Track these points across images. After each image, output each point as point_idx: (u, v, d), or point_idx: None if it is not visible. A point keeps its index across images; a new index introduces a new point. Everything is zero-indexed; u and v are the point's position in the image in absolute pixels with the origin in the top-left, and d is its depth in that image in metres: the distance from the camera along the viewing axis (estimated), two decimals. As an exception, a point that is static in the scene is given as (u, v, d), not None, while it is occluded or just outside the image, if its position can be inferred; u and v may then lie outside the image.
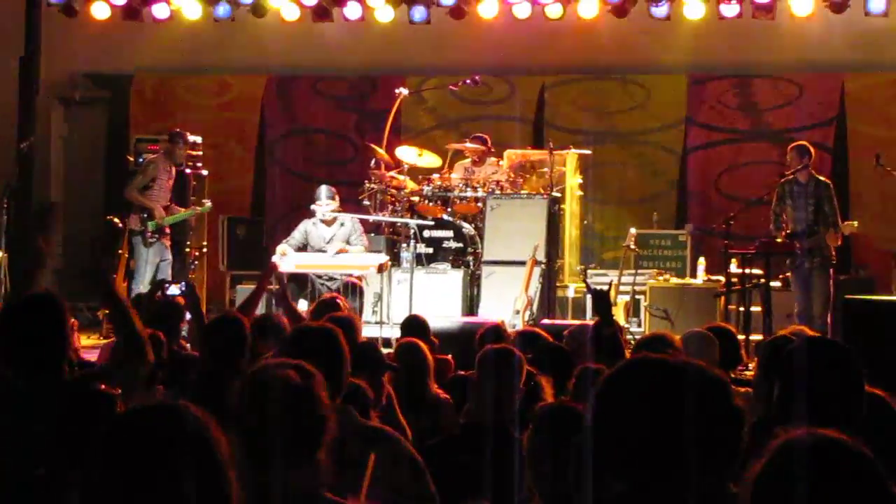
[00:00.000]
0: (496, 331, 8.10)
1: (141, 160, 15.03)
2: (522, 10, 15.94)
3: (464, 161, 14.75)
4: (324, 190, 13.85)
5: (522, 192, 14.14)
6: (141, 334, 4.86)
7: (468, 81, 15.10)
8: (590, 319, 11.77)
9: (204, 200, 14.91)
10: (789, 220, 12.87)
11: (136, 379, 4.79)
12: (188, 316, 8.09)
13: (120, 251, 13.72)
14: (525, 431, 4.20)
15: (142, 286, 13.36)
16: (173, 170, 14.34)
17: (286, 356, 4.63)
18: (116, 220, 14.12)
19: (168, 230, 14.14)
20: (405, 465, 4.56)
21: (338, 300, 8.46)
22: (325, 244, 13.65)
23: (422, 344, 7.51)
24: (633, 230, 14.03)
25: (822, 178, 13.07)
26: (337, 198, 13.81)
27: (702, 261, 14.53)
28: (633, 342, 9.91)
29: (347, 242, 13.66)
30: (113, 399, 4.52)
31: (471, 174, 14.39)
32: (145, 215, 13.96)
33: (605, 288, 6.87)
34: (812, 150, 13.12)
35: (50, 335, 4.68)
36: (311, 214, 13.86)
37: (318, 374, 3.68)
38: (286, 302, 7.97)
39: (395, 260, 13.83)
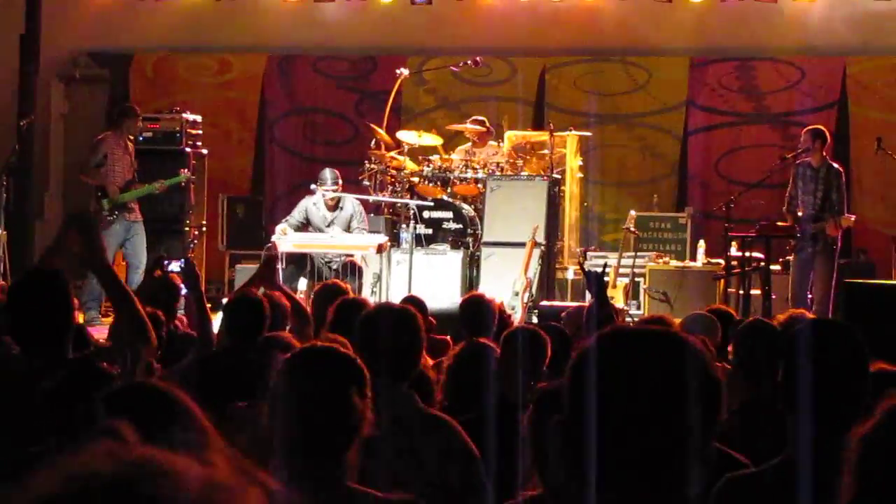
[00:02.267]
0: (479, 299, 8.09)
1: (141, 139, 14.97)
2: (524, -9, 15.93)
3: (464, 145, 14.74)
4: (328, 174, 13.74)
5: (523, 173, 14.13)
6: (142, 315, 4.84)
7: (469, 62, 15.07)
8: (588, 301, 11.77)
9: (181, 170, 14.55)
10: (799, 203, 12.80)
11: (139, 359, 4.76)
12: (184, 292, 8.05)
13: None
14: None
15: None
16: (130, 145, 13.99)
17: (358, 338, 4.60)
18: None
19: (133, 206, 13.77)
20: (458, 457, 4.48)
21: (340, 284, 8.44)
22: (325, 227, 13.63)
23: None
24: (633, 212, 14.03)
25: (835, 164, 12.96)
26: (340, 181, 13.77)
27: (702, 244, 14.52)
28: (632, 324, 9.90)
29: (348, 227, 13.64)
30: (110, 378, 4.51)
31: (471, 156, 14.38)
32: (100, 194, 13.67)
33: (600, 270, 6.86)
34: (827, 135, 13.03)
35: (53, 312, 4.67)
36: (312, 193, 13.83)
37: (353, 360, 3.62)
38: (274, 286, 7.88)
39: (395, 240, 13.81)
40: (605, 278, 7.02)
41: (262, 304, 6.45)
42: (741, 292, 12.58)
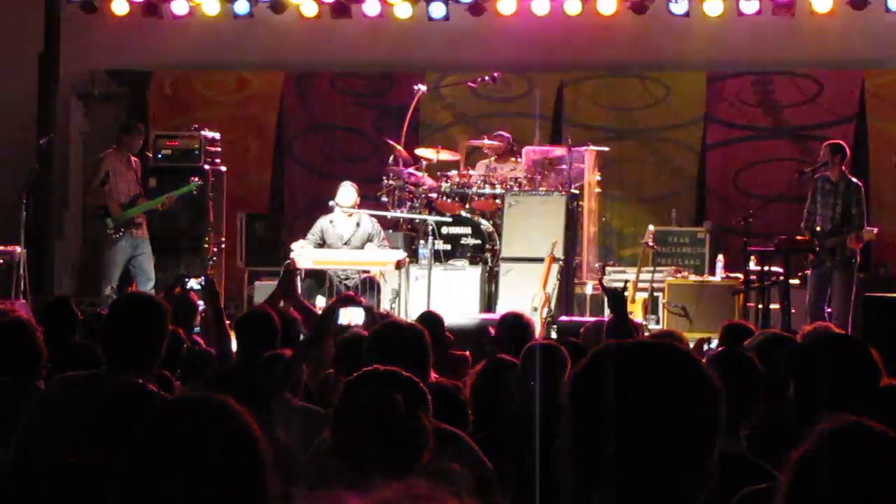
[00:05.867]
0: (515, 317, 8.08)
1: (160, 156, 15.02)
2: (541, 7, 15.96)
3: (485, 160, 14.75)
4: (347, 187, 13.79)
5: (541, 188, 14.14)
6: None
7: (487, 78, 15.09)
8: (607, 316, 11.75)
9: (191, 178, 14.23)
10: (817, 218, 12.75)
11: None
12: (201, 308, 8.07)
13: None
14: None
15: (108, 289, 13.09)
16: (134, 160, 13.94)
17: (373, 355, 4.63)
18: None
19: (140, 221, 13.70)
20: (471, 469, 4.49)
21: (357, 298, 8.44)
22: (342, 244, 13.63)
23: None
24: (651, 227, 14.02)
25: (854, 179, 12.91)
26: (358, 198, 13.78)
27: (720, 258, 14.50)
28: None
29: (367, 242, 13.63)
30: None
31: (493, 171, 14.39)
32: (102, 213, 13.63)
33: (621, 286, 6.86)
34: (847, 149, 13.02)
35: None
36: (329, 211, 13.85)
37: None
38: (295, 302, 7.90)
39: (413, 256, 13.82)
40: (625, 293, 7.01)
41: (272, 319, 6.45)
42: (760, 307, 12.55)
